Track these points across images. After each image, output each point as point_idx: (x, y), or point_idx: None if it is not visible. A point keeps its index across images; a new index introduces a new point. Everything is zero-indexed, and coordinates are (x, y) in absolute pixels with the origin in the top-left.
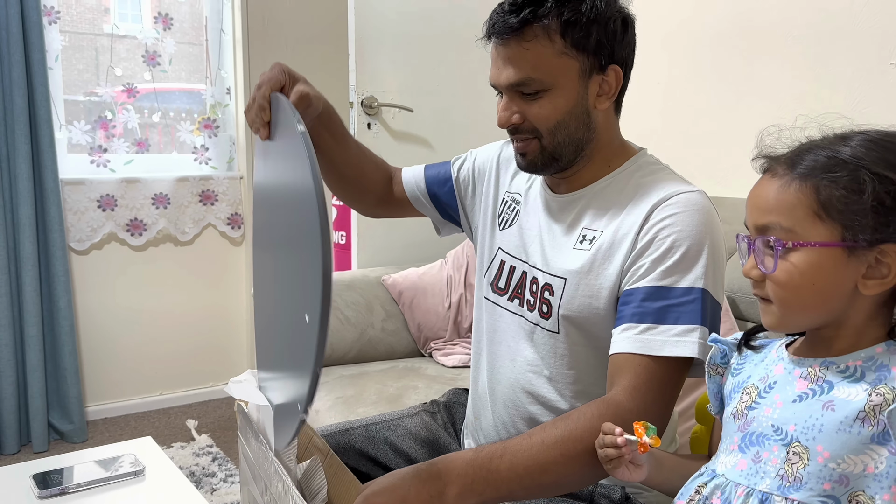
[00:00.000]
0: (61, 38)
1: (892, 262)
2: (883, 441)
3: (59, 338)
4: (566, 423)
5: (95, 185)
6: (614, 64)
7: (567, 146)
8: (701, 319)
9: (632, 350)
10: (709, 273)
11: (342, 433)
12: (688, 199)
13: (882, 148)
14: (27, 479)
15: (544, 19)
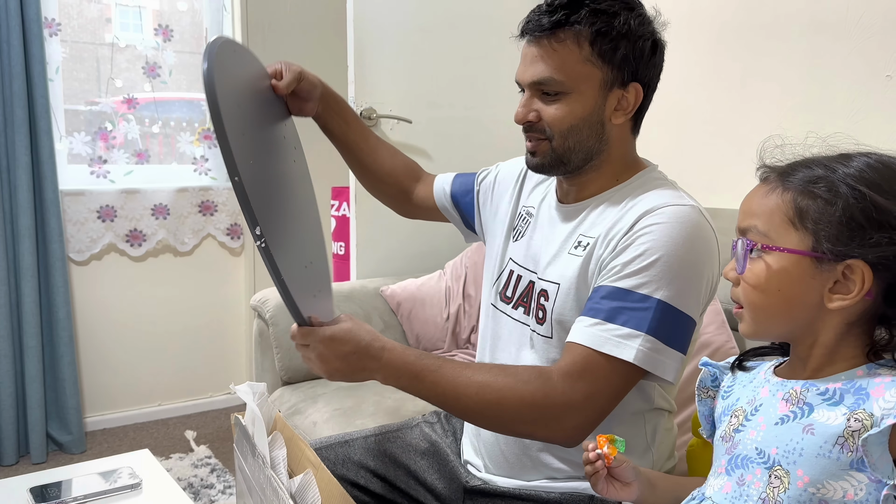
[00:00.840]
0: (62, 50)
1: (857, 279)
2: (861, 468)
3: (58, 348)
4: (497, 372)
5: (95, 196)
6: (636, 82)
7: (576, 152)
8: (648, 328)
9: (577, 339)
10: (674, 286)
11: (342, 445)
12: (675, 211)
13: (872, 169)
14: (25, 493)
15: (577, 25)
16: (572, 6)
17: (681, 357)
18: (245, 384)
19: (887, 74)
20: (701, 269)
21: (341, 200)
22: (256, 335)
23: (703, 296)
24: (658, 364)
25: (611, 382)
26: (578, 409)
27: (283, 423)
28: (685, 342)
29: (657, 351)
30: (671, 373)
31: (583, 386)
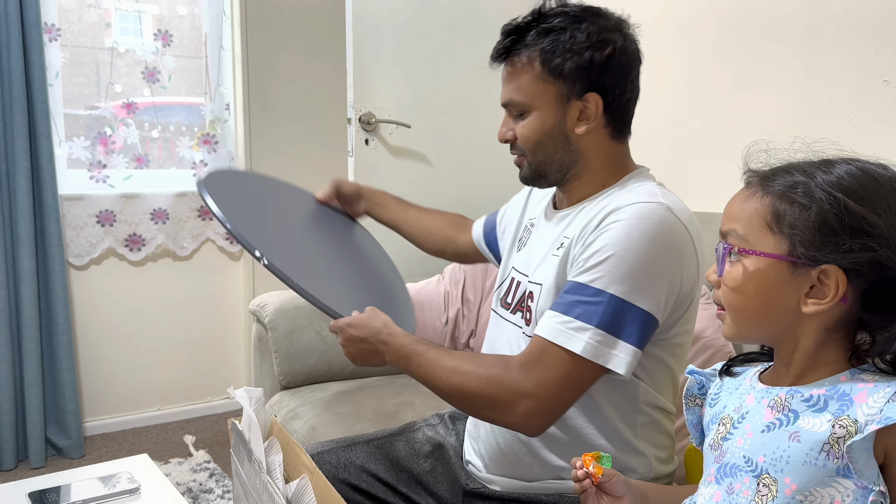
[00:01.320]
0: (62, 55)
1: (832, 284)
2: (848, 474)
3: (57, 353)
4: (468, 359)
5: (94, 201)
6: (593, 91)
7: (549, 165)
8: (598, 322)
9: (537, 331)
10: (628, 281)
11: (344, 448)
12: (638, 208)
13: (851, 176)
14: (24, 498)
15: (527, 47)
16: (521, 31)
17: (633, 350)
18: (242, 389)
19: (885, 79)
20: (661, 266)
21: None
22: (255, 340)
23: (665, 292)
24: (608, 357)
25: (561, 372)
26: (529, 395)
27: (279, 428)
28: (640, 336)
29: (607, 344)
30: (622, 366)
31: (535, 374)
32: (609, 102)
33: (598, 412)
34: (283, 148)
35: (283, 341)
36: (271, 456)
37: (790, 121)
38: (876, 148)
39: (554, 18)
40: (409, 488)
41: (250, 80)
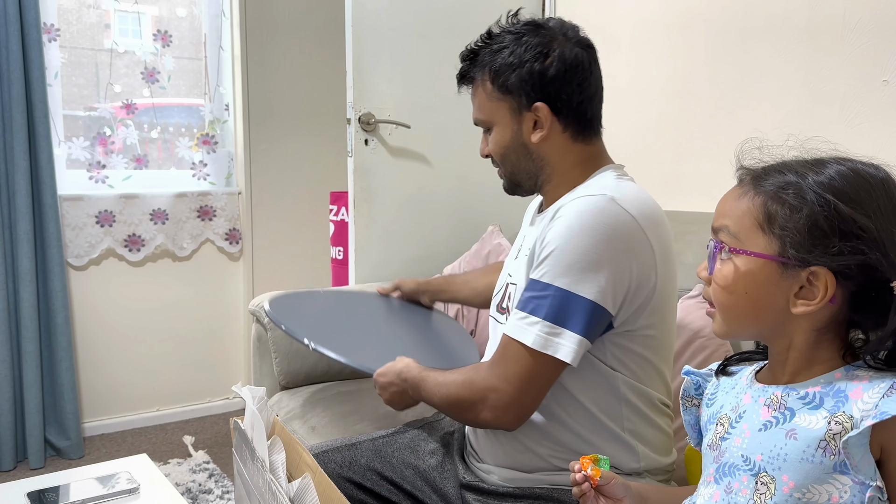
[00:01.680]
0: (61, 55)
1: (821, 285)
2: (844, 470)
3: (56, 353)
4: (453, 371)
5: (94, 201)
6: (541, 101)
7: (518, 174)
8: (545, 314)
9: (503, 329)
10: (570, 273)
11: (349, 447)
12: (582, 203)
13: (842, 177)
14: (22, 498)
15: (480, 68)
16: (475, 54)
17: (579, 339)
18: (246, 388)
19: (884, 79)
20: (602, 256)
21: (340, 205)
22: (255, 340)
23: (611, 282)
24: (556, 347)
25: (521, 366)
26: (495, 390)
27: (280, 427)
28: (586, 325)
29: (554, 334)
30: (568, 354)
31: (499, 370)
32: (558, 109)
33: (580, 406)
34: (282, 149)
35: (283, 341)
36: (274, 455)
37: (789, 121)
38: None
39: (502, 37)
40: (414, 486)
41: (250, 80)
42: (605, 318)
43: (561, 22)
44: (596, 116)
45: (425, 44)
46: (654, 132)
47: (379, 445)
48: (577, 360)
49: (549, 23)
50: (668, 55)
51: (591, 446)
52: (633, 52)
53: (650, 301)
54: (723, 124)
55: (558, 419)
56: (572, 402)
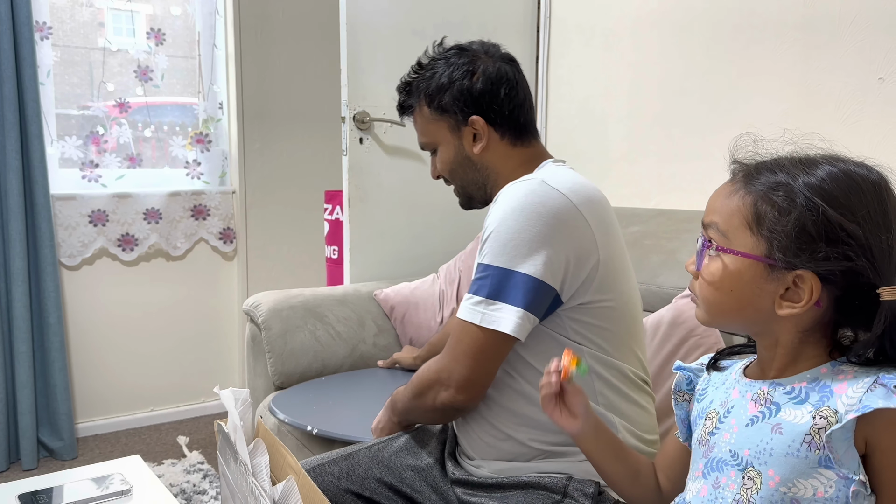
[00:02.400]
0: (53, 54)
1: (806, 288)
2: (829, 465)
3: (49, 354)
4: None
5: (87, 201)
6: (475, 115)
7: (469, 187)
8: (487, 293)
9: (458, 314)
10: (505, 251)
11: (346, 458)
12: (512, 188)
13: (833, 181)
14: (14, 500)
15: (416, 96)
16: (409, 85)
17: (518, 311)
18: (228, 390)
19: (880, 77)
20: (536, 232)
21: (334, 204)
22: (249, 340)
23: (549, 257)
24: (496, 321)
25: (468, 343)
26: (448, 369)
27: (265, 429)
28: (527, 299)
29: (494, 309)
30: (508, 326)
31: (450, 352)
32: (492, 119)
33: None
34: (276, 147)
35: (277, 341)
36: (257, 458)
37: (785, 119)
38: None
39: (431, 64)
40: (413, 488)
41: (244, 78)
42: (547, 292)
43: (482, 43)
44: (529, 121)
45: (420, 42)
46: (650, 130)
47: (376, 451)
48: (520, 332)
49: (472, 45)
50: (664, 53)
51: None
52: (628, 49)
53: (596, 274)
54: (718, 122)
55: (531, 399)
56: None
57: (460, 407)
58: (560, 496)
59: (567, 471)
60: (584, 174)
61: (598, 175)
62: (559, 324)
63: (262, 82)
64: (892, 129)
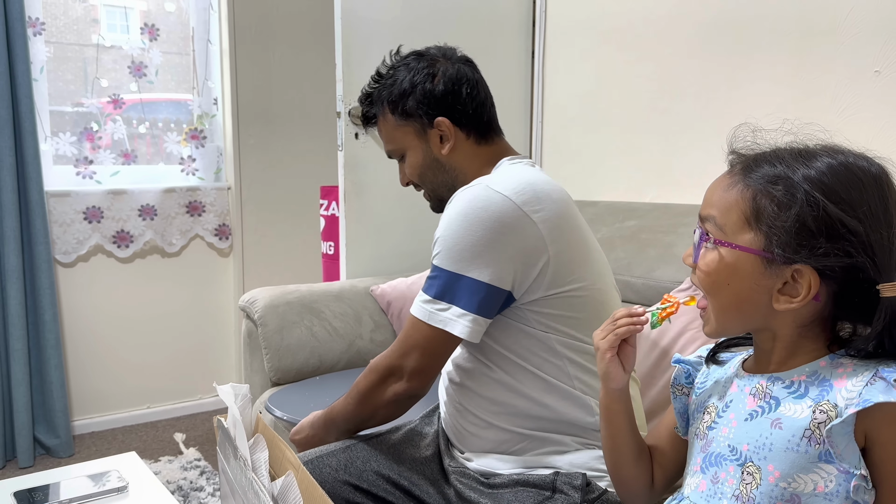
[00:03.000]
0: (46, 50)
1: (805, 283)
2: (829, 459)
3: (44, 351)
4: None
5: (81, 197)
6: (440, 116)
7: (440, 189)
8: (435, 293)
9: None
10: (454, 257)
11: (344, 450)
12: (459, 195)
13: (833, 174)
14: (9, 497)
15: (379, 105)
16: (370, 95)
17: (463, 313)
18: (228, 385)
19: (876, 70)
20: (481, 237)
21: (330, 200)
22: (245, 336)
23: (498, 260)
24: (441, 319)
25: (424, 337)
26: (403, 361)
27: (264, 425)
28: (474, 302)
29: (440, 309)
30: (458, 328)
31: (403, 344)
32: (457, 119)
33: (526, 371)
34: (272, 143)
35: (274, 337)
36: (257, 453)
37: (781, 112)
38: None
39: (390, 73)
40: (411, 481)
41: (238, 74)
42: (496, 294)
43: (438, 47)
44: (492, 119)
45: (415, 36)
46: (646, 124)
47: (374, 444)
48: (472, 335)
49: (429, 50)
50: (660, 46)
51: (546, 408)
52: (624, 43)
53: (548, 270)
54: (714, 116)
55: (510, 387)
56: (518, 369)
57: (413, 394)
58: (549, 492)
59: (553, 465)
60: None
61: (594, 169)
62: (522, 317)
63: (256, 78)
64: (889, 121)
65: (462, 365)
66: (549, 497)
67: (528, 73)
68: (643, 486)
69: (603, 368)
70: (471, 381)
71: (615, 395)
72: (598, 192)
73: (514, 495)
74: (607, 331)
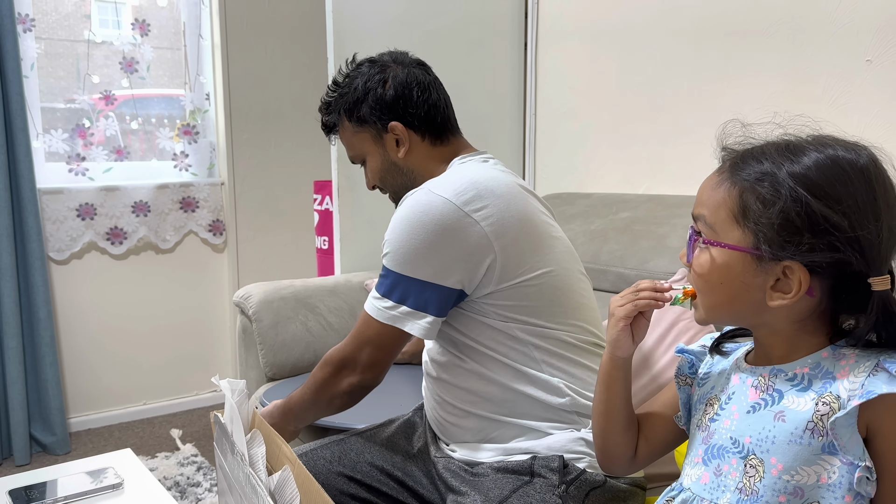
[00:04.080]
0: (37, 46)
1: (795, 279)
2: (833, 451)
3: (39, 349)
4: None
5: (74, 194)
6: (394, 121)
7: (401, 191)
8: (384, 292)
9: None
10: (400, 259)
11: (338, 443)
12: (406, 199)
13: (819, 169)
14: (3, 495)
15: (336, 113)
16: (329, 104)
17: (411, 311)
18: (225, 381)
19: (867, 59)
20: (423, 241)
21: (324, 194)
22: (240, 332)
23: (442, 261)
24: (393, 318)
25: (377, 334)
26: (356, 354)
27: (260, 420)
28: (419, 300)
29: (389, 307)
30: (408, 326)
31: (356, 339)
32: (410, 122)
33: (494, 360)
34: (265, 137)
35: (269, 333)
36: (254, 448)
37: (772, 102)
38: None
39: (346, 81)
40: (404, 472)
41: (230, 68)
42: (446, 293)
43: (391, 53)
44: (447, 119)
45: (407, 29)
46: (638, 116)
47: (368, 437)
48: (426, 334)
49: (382, 56)
50: (651, 38)
51: (517, 393)
52: (616, 35)
53: (496, 266)
54: (706, 107)
55: (482, 376)
56: (487, 358)
57: (367, 385)
58: (528, 476)
59: (532, 450)
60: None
61: (587, 161)
62: (480, 309)
63: (249, 72)
64: (880, 111)
65: (437, 359)
66: (528, 482)
67: (521, 65)
68: (626, 456)
69: (614, 335)
70: (446, 374)
71: (619, 362)
72: (591, 184)
73: (493, 482)
74: (627, 300)
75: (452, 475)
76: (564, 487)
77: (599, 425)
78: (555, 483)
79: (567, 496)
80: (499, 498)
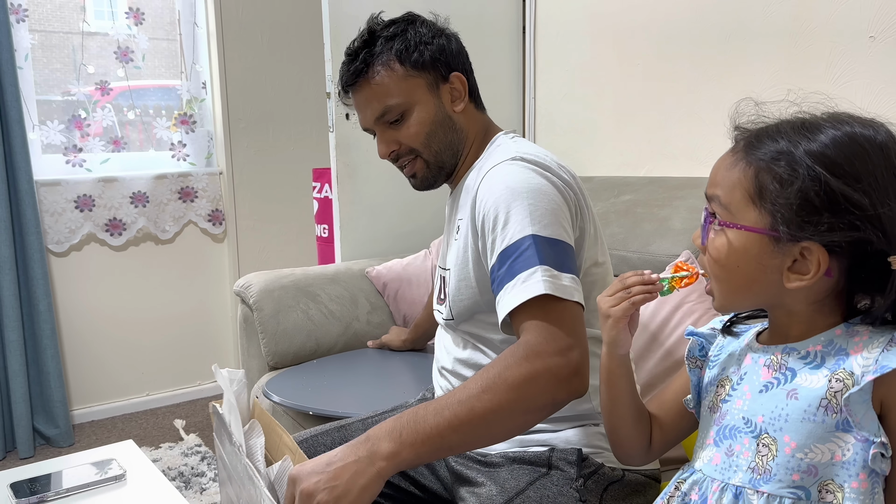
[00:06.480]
0: (31, 37)
1: (814, 260)
2: (847, 428)
3: (40, 342)
4: (483, 371)
5: (72, 186)
6: (454, 71)
7: (444, 152)
8: (538, 260)
9: (505, 311)
10: (534, 220)
11: (339, 430)
12: (497, 171)
13: (837, 147)
14: (5, 488)
15: (379, 57)
16: (367, 44)
17: (573, 278)
18: (224, 371)
19: (871, 35)
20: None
21: (323, 182)
22: (241, 321)
23: (563, 218)
24: (562, 289)
25: (559, 316)
26: (559, 358)
27: (261, 409)
28: (571, 264)
29: (555, 277)
30: (577, 295)
31: (536, 333)
32: (468, 78)
33: (486, 341)
34: (262, 125)
35: (270, 322)
36: (252, 439)
37: (776, 81)
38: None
39: (387, 29)
40: None
41: (226, 57)
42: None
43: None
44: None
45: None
46: (641, 97)
47: (370, 424)
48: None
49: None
50: (653, 18)
51: None
52: (617, 16)
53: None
54: (708, 87)
55: None
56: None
57: (577, 394)
58: (545, 468)
59: (549, 442)
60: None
61: (588, 144)
62: None
63: (245, 60)
64: (884, 87)
65: (461, 358)
66: (546, 474)
67: (520, 47)
68: (641, 447)
69: (613, 336)
70: (465, 369)
71: (620, 359)
72: (592, 166)
73: (509, 473)
74: (620, 298)
75: (464, 466)
76: (582, 481)
77: (610, 422)
78: (572, 476)
79: (585, 490)
80: (515, 489)
